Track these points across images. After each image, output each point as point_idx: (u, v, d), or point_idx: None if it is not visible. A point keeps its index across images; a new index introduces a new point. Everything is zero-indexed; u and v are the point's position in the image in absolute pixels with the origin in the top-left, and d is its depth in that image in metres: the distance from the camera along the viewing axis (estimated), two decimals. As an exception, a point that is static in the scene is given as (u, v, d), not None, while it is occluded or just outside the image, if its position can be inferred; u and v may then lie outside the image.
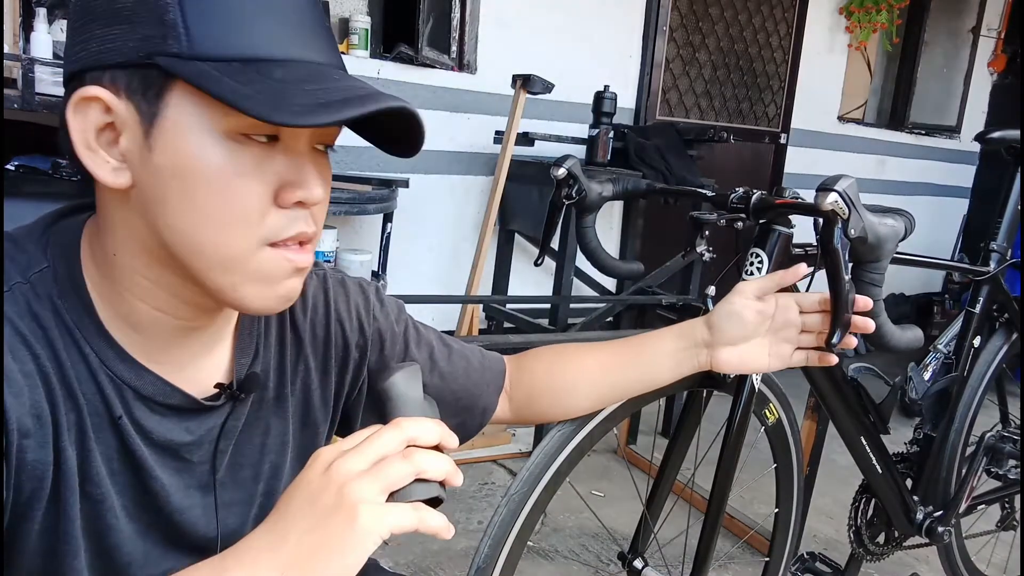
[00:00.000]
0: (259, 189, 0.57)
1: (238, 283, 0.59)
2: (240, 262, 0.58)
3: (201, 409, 0.67)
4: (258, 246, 0.58)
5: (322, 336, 0.78)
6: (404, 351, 0.85)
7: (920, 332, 1.00)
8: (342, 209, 2.25)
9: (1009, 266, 1.61)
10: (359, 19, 2.74)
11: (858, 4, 3.93)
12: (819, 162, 4.17)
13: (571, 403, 0.97)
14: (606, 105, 2.79)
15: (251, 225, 0.57)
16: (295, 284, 0.62)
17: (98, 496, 0.62)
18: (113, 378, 0.61)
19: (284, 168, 0.58)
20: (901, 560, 2.12)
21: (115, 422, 0.62)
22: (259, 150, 0.57)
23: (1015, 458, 1.75)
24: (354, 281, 0.84)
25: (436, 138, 2.87)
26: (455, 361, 0.89)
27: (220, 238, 0.57)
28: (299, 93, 0.54)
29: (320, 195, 0.60)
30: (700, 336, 0.94)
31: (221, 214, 0.56)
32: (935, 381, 1.61)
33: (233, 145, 0.56)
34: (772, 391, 1.30)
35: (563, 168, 1.18)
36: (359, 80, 0.59)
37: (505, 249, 3.01)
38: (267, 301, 0.61)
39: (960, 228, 4.98)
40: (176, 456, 0.66)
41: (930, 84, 4.67)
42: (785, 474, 1.40)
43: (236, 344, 0.70)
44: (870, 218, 0.90)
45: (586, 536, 2.18)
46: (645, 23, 3.34)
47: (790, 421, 1.35)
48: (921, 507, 1.60)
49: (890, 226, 0.92)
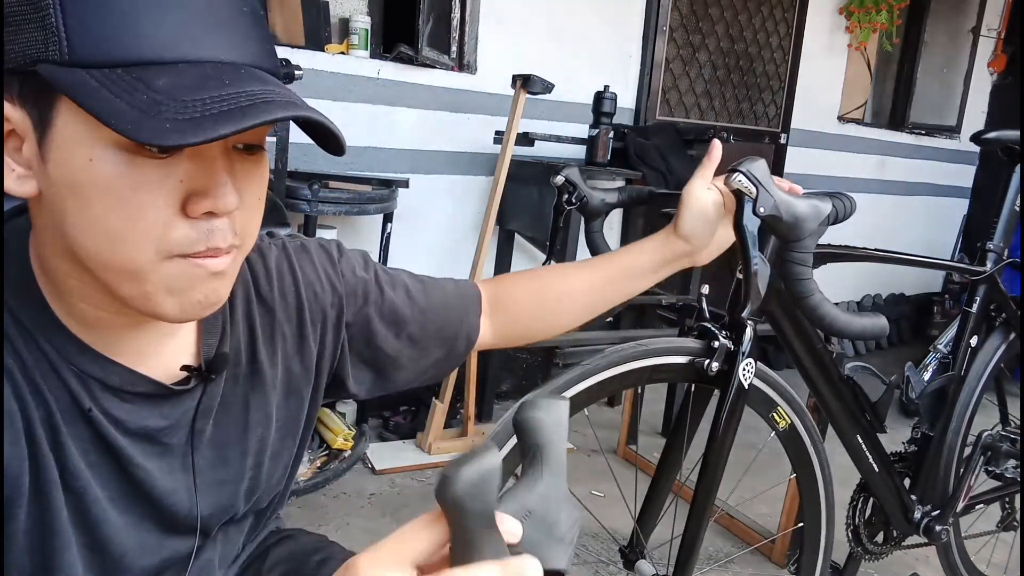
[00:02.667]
0: (159, 202, 0.53)
1: (149, 294, 0.56)
2: (145, 273, 0.55)
3: (172, 394, 0.66)
4: (164, 258, 0.55)
5: (294, 303, 0.77)
6: (380, 296, 0.84)
7: (883, 321, 0.99)
8: (342, 209, 2.25)
9: (1007, 265, 1.62)
10: (359, 19, 2.74)
11: (858, 4, 3.93)
12: (819, 162, 4.17)
13: (558, 320, 0.97)
14: (606, 105, 2.79)
15: (152, 239, 0.54)
16: (215, 288, 0.58)
17: (79, 489, 0.62)
18: (76, 371, 0.61)
19: (190, 176, 0.54)
20: (901, 560, 2.12)
21: (85, 415, 0.61)
22: (161, 160, 0.53)
23: (1013, 457, 1.76)
24: (314, 242, 0.83)
25: (436, 138, 2.88)
26: (431, 294, 0.89)
27: (120, 251, 0.54)
28: (175, 106, 0.49)
29: (232, 203, 0.55)
30: (680, 249, 0.95)
31: (119, 229, 0.53)
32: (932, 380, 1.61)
33: (127, 156, 0.52)
34: (780, 394, 1.27)
35: (561, 176, 1.20)
36: (261, 81, 0.54)
37: (505, 249, 3.01)
38: (184, 309, 0.58)
39: (960, 228, 4.98)
40: (154, 441, 0.66)
41: (930, 84, 4.67)
42: (808, 485, 1.35)
43: (201, 325, 0.69)
44: (783, 197, 0.92)
45: (586, 536, 2.18)
46: (645, 23, 3.35)
47: (807, 427, 1.31)
48: (919, 506, 1.61)
49: (811, 205, 0.93)
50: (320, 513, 2.22)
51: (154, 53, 0.51)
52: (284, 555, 0.89)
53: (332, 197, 2.23)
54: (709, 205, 0.95)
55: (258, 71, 0.55)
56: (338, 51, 2.70)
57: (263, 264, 0.76)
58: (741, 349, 1.13)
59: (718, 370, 1.13)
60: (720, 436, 1.15)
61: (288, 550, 0.89)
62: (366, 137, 2.71)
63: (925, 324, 4.83)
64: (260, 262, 0.76)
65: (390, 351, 0.86)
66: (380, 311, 0.84)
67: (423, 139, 2.84)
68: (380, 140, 2.74)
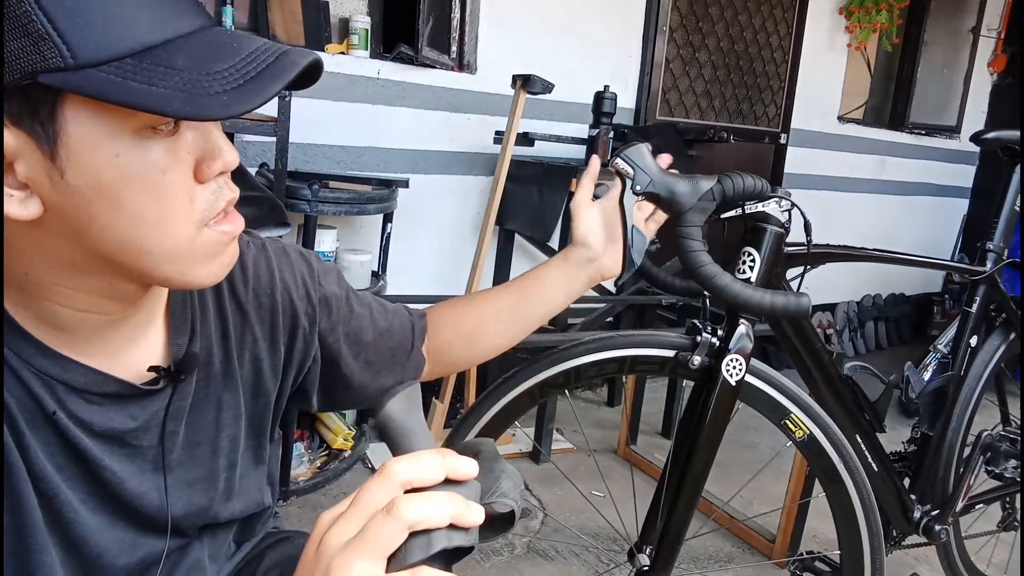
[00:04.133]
0: (182, 176, 0.56)
1: (186, 269, 0.59)
2: (185, 249, 0.57)
3: (141, 394, 0.65)
4: (199, 229, 0.58)
5: (268, 305, 0.77)
6: (349, 314, 0.85)
7: (806, 300, 1.01)
8: (342, 209, 2.26)
9: (1007, 265, 1.62)
10: (359, 19, 2.74)
11: (858, 4, 3.93)
12: (819, 162, 4.17)
13: (481, 346, 0.98)
14: (606, 105, 2.79)
15: (186, 213, 0.56)
16: (235, 249, 0.63)
17: (50, 492, 0.61)
18: (37, 374, 0.60)
19: (195, 144, 0.56)
20: (901, 560, 2.12)
21: (50, 418, 0.60)
22: (168, 136, 0.54)
23: (1013, 457, 1.76)
24: (295, 249, 0.83)
25: (436, 138, 2.88)
26: (391, 319, 0.91)
27: (161, 235, 0.56)
28: (211, 78, 0.51)
29: (236, 156, 0.59)
30: (581, 256, 0.98)
31: (156, 213, 0.55)
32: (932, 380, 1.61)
33: (145, 143, 0.53)
34: (792, 400, 1.20)
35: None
36: (245, 36, 0.56)
37: (505, 249, 3.01)
38: (213, 274, 0.61)
39: (960, 228, 4.98)
40: (122, 443, 0.65)
41: (930, 84, 4.67)
42: (841, 505, 1.19)
43: (169, 324, 0.69)
44: (661, 177, 1.00)
45: (586, 536, 2.18)
46: (645, 23, 3.35)
47: (833, 441, 1.17)
48: (919, 506, 1.61)
49: (690, 182, 1.01)
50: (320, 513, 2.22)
51: (152, 36, 0.51)
52: (280, 559, 0.88)
53: (332, 197, 2.23)
54: (594, 211, 0.98)
55: (221, 27, 0.58)
56: (338, 51, 2.70)
57: (240, 262, 0.76)
58: (731, 345, 1.12)
59: (701, 365, 1.13)
60: (706, 433, 1.14)
61: (284, 554, 0.89)
62: (366, 137, 2.71)
63: (925, 324, 4.84)
64: (237, 264, 0.75)
65: (345, 371, 0.86)
66: (347, 329, 0.85)
67: (423, 139, 2.84)
68: (380, 140, 2.74)
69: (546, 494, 2.41)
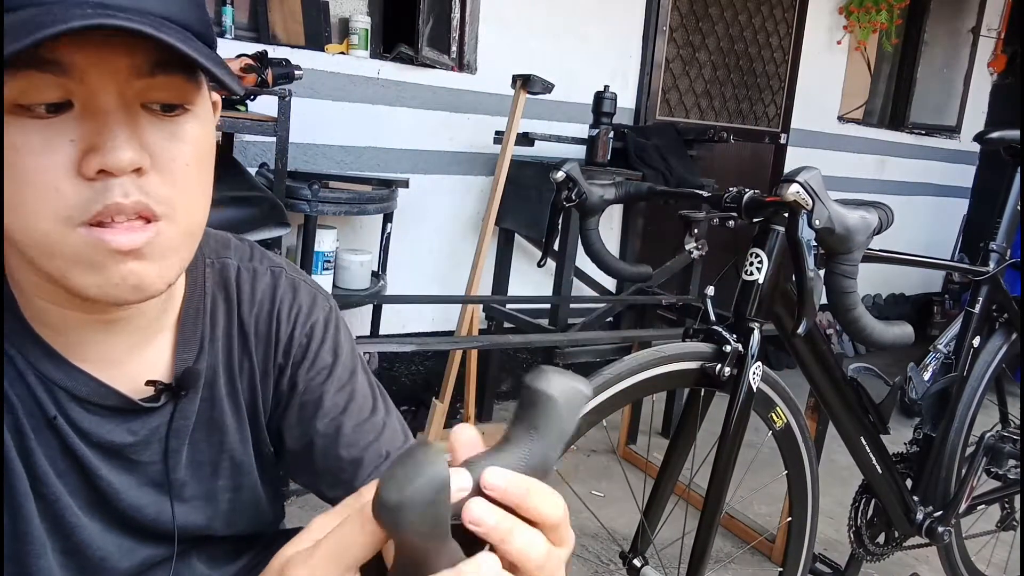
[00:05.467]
0: (47, 163, 0.50)
1: (63, 269, 0.53)
2: (53, 245, 0.52)
3: (140, 410, 0.64)
4: (64, 227, 0.51)
5: (264, 333, 0.72)
6: (320, 383, 0.72)
7: (910, 329, 1.00)
8: (342, 209, 2.25)
9: (1008, 266, 1.61)
10: (359, 19, 2.74)
11: (858, 4, 3.93)
12: (819, 162, 4.15)
13: None
14: (606, 105, 2.79)
15: (48, 205, 0.50)
16: (132, 270, 0.53)
17: (51, 496, 0.61)
18: (42, 378, 0.59)
19: (83, 135, 0.50)
20: (901, 560, 2.12)
21: (51, 423, 0.60)
22: (47, 120, 0.50)
23: (1015, 458, 1.76)
24: (309, 290, 0.75)
25: (436, 138, 2.87)
26: (369, 437, 0.72)
27: (23, 222, 0.51)
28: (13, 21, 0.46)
29: (124, 158, 0.50)
30: None
31: (15, 197, 0.51)
32: (935, 381, 1.61)
33: (12, 119, 0.49)
34: (779, 394, 1.29)
35: (562, 172, 1.19)
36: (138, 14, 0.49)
37: (505, 249, 3.01)
38: (105, 290, 0.53)
39: (960, 228, 4.97)
40: (120, 456, 0.64)
41: (930, 84, 4.67)
42: (797, 482, 1.39)
43: (178, 337, 0.66)
44: (837, 209, 0.91)
45: (586, 536, 2.18)
46: (645, 23, 3.34)
47: (800, 426, 1.34)
48: (921, 507, 1.60)
49: (861, 218, 0.92)
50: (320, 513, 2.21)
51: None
52: None
53: (332, 197, 2.22)
54: None
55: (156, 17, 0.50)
56: (338, 51, 2.70)
57: (251, 287, 0.72)
58: (750, 352, 1.12)
59: (730, 375, 1.13)
60: (730, 440, 1.15)
61: None
62: (366, 137, 2.71)
63: (925, 324, 4.83)
64: (248, 285, 0.72)
65: (288, 444, 0.74)
66: (304, 398, 0.73)
67: (423, 139, 2.84)
68: (380, 140, 2.74)
69: (546, 495, 2.40)
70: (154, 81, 0.52)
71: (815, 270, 0.86)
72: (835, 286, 0.94)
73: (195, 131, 0.56)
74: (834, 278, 0.94)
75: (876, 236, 0.99)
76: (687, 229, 1.23)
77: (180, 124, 0.55)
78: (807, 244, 0.89)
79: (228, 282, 0.71)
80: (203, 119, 0.57)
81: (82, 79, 0.50)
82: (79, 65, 0.49)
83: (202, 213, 0.58)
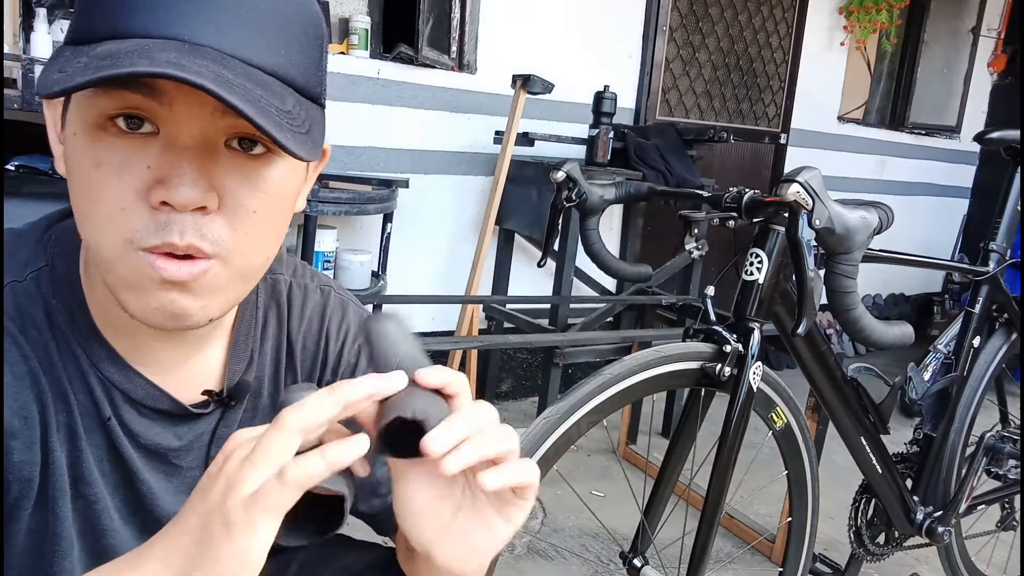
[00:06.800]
0: (118, 183, 0.51)
1: (115, 284, 0.54)
2: (113, 262, 0.53)
3: (190, 416, 0.65)
4: (124, 247, 0.52)
5: (312, 350, 0.75)
6: None
7: (910, 329, 1.00)
8: (342, 209, 2.25)
9: (1008, 266, 1.61)
10: (359, 19, 2.74)
11: (858, 4, 3.93)
12: (819, 162, 4.15)
13: None
14: (606, 105, 2.79)
15: (112, 222, 0.52)
16: (174, 299, 0.54)
17: (92, 497, 0.62)
18: (102, 379, 0.61)
19: (158, 163, 0.51)
20: (901, 560, 2.12)
21: (104, 423, 0.61)
22: (130, 141, 0.51)
23: (1015, 458, 1.76)
24: (358, 311, 0.78)
25: (436, 138, 2.88)
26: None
27: (92, 236, 0.54)
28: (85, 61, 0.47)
29: (187, 196, 0.50)
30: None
31: (88, 209, 0.53)
32: (935, 381, 1.61)
33: (95, 133, 0.51)
34: (779, 394, 1.29)
35: (562, 172, 1.19)
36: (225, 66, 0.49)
37: (505, 249, 3.01)
38: (144, 313, 0.55)
39: (960, 228, 4.97)
40: (164, 460, 0.65)
41: (930, 84, 4.67)
42: (797, 482, 1.40)
43: (231, 348, 0.68)
44: (837, 209, 0.91)
45: (586, 536, 2.18)
46: (645, 23, 3.34)
47: (800, 426, 1.35)
48: (921, 507, 1.60)
49: (861, 217, 0.92)
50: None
51: (110, 30, 0.50)
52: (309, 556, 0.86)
53: (332, 197, 2.22)
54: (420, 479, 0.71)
55: (246, 65, 0.50)
56: (338, 51, 2.70)
57: (301, 303, 0.74)
58: (750, 352, 1.12)
59: (730, 375, 1.13)
60: (730, 440, 1.15)
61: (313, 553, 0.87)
62: (366, 137, 2.71)
63: (925, 324, 4.83)
64: (299, 301, 0.74)
65: None
66: None
67: (423, 139, 2.84)
68: (380, 140, 2.74)
69: (546, 494, 2.41)
70: (238, 121, 0.51)
71: (815, 270, 0.87)
72: (835, 286, 0.94)
73: (275, 177, 0.55)
74: (834, 278, 0.95)
75: (876, 236, 0.99)
76: (687, 229, 1.23)
77: (260, 168, 0.54)
78: (807, 244, 0.89)
79: (280, 297, 0.73)
80: (287, 166, 0.56)
81: (171, 105, 0.50)
82: (168, 91, 0.50)
83: (262, 258, 0.59)
